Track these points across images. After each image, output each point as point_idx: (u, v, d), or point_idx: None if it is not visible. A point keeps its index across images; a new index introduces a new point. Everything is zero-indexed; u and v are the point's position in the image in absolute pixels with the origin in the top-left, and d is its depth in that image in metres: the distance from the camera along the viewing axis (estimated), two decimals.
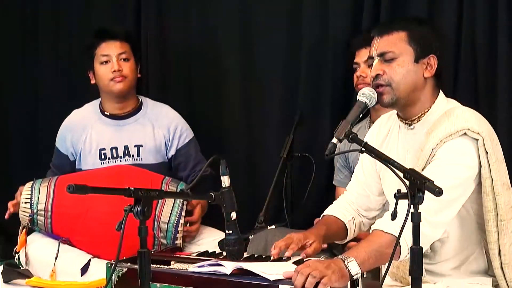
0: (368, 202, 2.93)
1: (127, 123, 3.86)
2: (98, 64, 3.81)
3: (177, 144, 3.86)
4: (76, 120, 3.91)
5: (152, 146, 3.83)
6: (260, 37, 4.17)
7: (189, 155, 3.87)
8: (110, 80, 3.77)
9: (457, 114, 2.66)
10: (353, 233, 2.92)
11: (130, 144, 3.83)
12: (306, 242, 2.71)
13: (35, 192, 3.59)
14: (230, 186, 2.62)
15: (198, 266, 2.53)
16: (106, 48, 3.80)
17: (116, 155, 3.82)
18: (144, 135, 3.84)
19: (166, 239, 3.53)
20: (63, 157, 3.91)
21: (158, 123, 3.86)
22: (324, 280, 2.34)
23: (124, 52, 3.80)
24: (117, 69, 3.76)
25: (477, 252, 2.77)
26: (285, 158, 3.85)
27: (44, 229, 3.61)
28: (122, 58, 3.79)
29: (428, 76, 2.69)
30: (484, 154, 2.61)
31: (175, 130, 3.86)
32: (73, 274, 3.51)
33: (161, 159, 3.86)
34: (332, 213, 2.91)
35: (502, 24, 3.41)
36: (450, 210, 2.59)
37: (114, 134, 3.84)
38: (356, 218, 2.92)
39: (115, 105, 3.85)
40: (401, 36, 2.68)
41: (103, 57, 3.78)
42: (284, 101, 4.13)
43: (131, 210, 2.20)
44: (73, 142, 3.87)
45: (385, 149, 2.81)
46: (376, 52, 2.70)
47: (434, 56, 2.69)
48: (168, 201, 3.55)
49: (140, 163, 3.81)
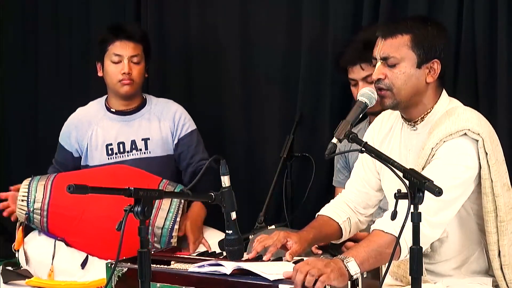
0: (367, 199, 2.93)
1: (133, 118, 3.86)
2: (108, 60, 3.79)
3: (180, 133, 3.86)
4: (81, 116, 3.90)
5: (159, 139, 3.84)
6: (260, 37, 4.17)
7: (190, 144, 3.86)
8: (118, 81, 3.77)
9: (458, 113, 2.66)
10: (348, 233, 2.90)
11: (137, 138, 3.83)
12: (286, 241, 2.70)
13: (32, 190, 3.58)
14: (230, 186, 2.62)
15: (198, 266, 2.53)
16: (119, 47, 3.78)
17: (124, 150, 3.82)
18: (150, 128, 3.84)
19: (160, 243, 3.52)
20: (67, 154, 3.90)
21: (163, 116, 3.87)
22: (322, 278, 2.34)
23: (136, 55, 3.79)
24: (127, 71, 3.75)
25: (478, 252, 2.77)
26: (285, 158, 3.86)
27: (40, 228, 3.61)
28: (133, 61, 3.78)
29: (431, 81, 2.69)
30: (483, 155, 2.61)
31: (179, 119, 3.87)
32: (71, 272, 3.52)
33: (169, 151, 3.86)
34: (326, 214, 2.90)
35: (502, 24, 3.40)
36: (450, 210, 2.59)
37: (121, 129, 3.84)
38: (352, 218, 2.91)
39: (120, 101, 3.86)
40: (405, 40, 2.66)
41: (115, 56, 3.77)
42: (284, 101, 4.13)
43: (131, 210, 2.20)
44: (78, 139, 3.87)
45: (387, 147, 2.82)
46: (379, 55, 2.69)
47: (438, 60, 2.68)
48: (164, 206, 3.54)
49: (148, 156, 3.81)
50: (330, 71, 3.93)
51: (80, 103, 4.00)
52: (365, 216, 2.94)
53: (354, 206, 2.93)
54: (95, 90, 4.21)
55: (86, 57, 4.52)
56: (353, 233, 2.94)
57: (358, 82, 3.47)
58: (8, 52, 4.67)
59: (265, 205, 3.71)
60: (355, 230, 2.94)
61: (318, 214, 2.93)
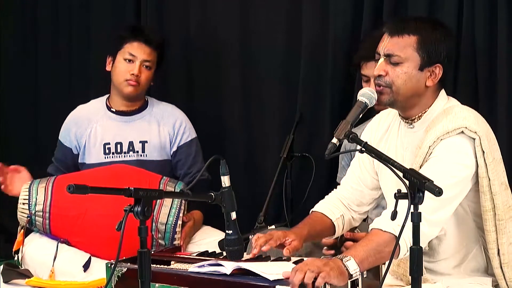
0: (361, 196, 2.93)
1: (133, 119, 3.86)
2: (121, 58, 3.79)
3: (179, 140, 3.87)
4: (82, 114, 3.91)
5: (157, 143, 3.84)
6: (260, 36, 4.17)
7: (189, 154, 3.87)
8: (124, 80, 3.77)
9: (455, 112, 2.66)
10: (341, 230, 2.91)
11: (135, 140, 3.83)
12: (285, 240, 2.71)
13: (33, 193, 3.58)
14: (230, 186, 2.62)
15: (198, 266, 2.53)
16: (136, 49, 3.78)
17: (120, 150, 3.83)
18: (149, 131, 3.85)
19: (164, 240, 3.53)
20: (66, 150, 3.90)
21: (163, 121, 3.87)
22: (322, 274, 2.34)
23: (150, 60, 3.79)
24: (136, 73, 3.75)
25: (476, 250, 2.77)
26: (285, 158, 3.86)
27: (42, 230, 3.61)
28: (145, 65, 3.79)
29: (430, 84, 2.69)
30: (481, 153, 2.62)
31: (179, 127, 3.87)
32: (72, 273, 3.51)
33: (166, 156, 3.86)
34: (320, 210, 2.91)
35: (502, 24, 3.41)
36: (448, 208, 2.60)
37: (120, 130, 3.84)
38: (346, 215, 2.91)
39: (122, 101, 3.86)
40: (411, 41, 2.66)
41: (129, 55, 3.77)
42: (284, 101, 4.13)
43: (131, 210, 2.20)
44: (77, 135, 3.87)
45: (384, 145, 2.82)
46: (383, 51, 2.69)
47: (440, 65, 2.68)
48: (166, 202, 3.55)
49: (144, 159, 3.82)
50: (330, 71, 3.93)
51: (80, 103, 3.99)
52: (358, 213, 2.95)
53: (347, 203, 2.94)
54: (95, 90, 4.22)
55: (86, 57, 4.52)
56: (346, 230, 2.94)
57: (370, 79, 3.46)
58: (8, 52, 4.67)
59: (265, 205, 3.72)
60: (348, 227, 2.95)
61: (312, 210, 2.93)
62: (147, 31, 3.86)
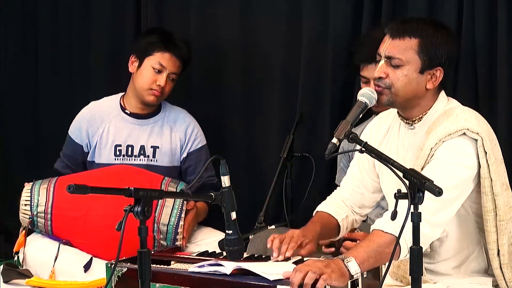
0: (362, 199, 2.93)
1: (146, 123, 3.85)
2: (150, 65, 3.75)
3: (190, 147, 3.86)
4: (95, 111, 3.87)
5: (168, 149, 3.83)
6: (260, 36, 4.17)
7: (199, 160, 3.86)
8: (149, 89, 3.75)
9: (457, 113, 2.66)
10: (345, 231, 2.92)
11: (147, 144, 3.82)
12: (303, 240, 2.71)
13: (34, 194, 3.58)
14: (230, 186, 2.62)
15: (198, 266, 2.53)
16: (168, 61, 3.75)
17: (131, 153, 3.82)
18: (161, 137, 3.84)
19: (166, 240, 3.53)
20: (77, 147, 3.86)
21: (176, 126, 3.86)
22: (324, 276, 2.34)
23: (176, 73, 3.79)
24: (162, 85, 3.74)
25: (477, 251, 2.77)
26: (285, 158, 3.85)
27: (44, 231, 3.60)
28: (171, 77, 3.78)
29: (431, 87, 2.68)
30: (483, 154, 2.62)
31: (191, 133, 3.87)
32: (73, 273, 3.50)
33: (175, 163, 3.86)
34: (325, 210, 2.91)
35: (502, 24, 3.40)
36: (449, 209, 2.60)
37: (132, 132, 3.83)
38: (349, 216, 2.92)
39: (138, 104, 3.84)
40: (412, 43, 2.65)
41: (159, 65, 3.74)
42: (284, 101, 4.13)
43: (131, 210, 2.20)
44: (89, 133, 3.84)
45: (385, 147, 2.82)
46: (384, 53, 2.68)
47: (441, 69, 2.67)
48: (168, 203, 3.54)
49: (154, 164, 3.81)
50: (330, 71, 3.93)
51: (80, 103, 3.99)
52: (360, 215, 2.95)
53: (350, 205, 2.94)
54: (95, 90, 4.21)
55: (86, 57, 4.52)
56: (348, 231, 2.94)
57: (369, 80, 3.45)
58: (8, 52, 4.67)
59: (265, 205, 3.71)
60: (350, 228, 2.95)
61: (317, 210, 2.93)
62: (180, 44, 3.82)
